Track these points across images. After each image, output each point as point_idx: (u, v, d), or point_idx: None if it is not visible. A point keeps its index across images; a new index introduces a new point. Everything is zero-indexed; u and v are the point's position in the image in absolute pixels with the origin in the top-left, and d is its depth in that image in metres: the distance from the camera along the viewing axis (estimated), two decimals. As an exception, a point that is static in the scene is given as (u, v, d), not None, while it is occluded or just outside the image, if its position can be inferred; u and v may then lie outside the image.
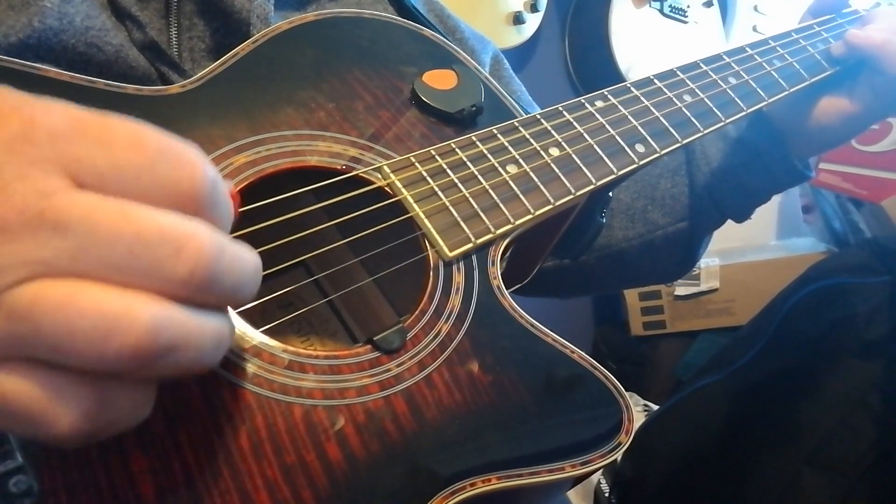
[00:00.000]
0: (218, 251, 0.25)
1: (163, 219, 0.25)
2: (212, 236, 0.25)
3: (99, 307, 0.23)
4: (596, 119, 0.54)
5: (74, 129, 0.25)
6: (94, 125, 0.25)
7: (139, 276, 0.24)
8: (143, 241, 0.24)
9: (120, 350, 0.23)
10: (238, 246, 0.27)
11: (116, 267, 0.24)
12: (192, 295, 0.25)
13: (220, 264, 0.25)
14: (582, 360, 0.43)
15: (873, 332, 1.15)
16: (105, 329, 0.23)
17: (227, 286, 0.26)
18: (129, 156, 0.25)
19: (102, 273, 0.24)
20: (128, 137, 0.25)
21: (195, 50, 0.53)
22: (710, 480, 1.19)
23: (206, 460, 0.31)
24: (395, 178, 0.45)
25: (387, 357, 0.38)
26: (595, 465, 0.39)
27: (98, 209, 0.24)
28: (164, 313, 0.24)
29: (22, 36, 0.44)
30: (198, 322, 0.25)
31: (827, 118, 0.67)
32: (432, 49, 0.55)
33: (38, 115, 0.24)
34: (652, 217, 0.76)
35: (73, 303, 0.23)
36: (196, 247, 0.25)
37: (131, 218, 0.24)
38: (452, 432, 0.38)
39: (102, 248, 0.24)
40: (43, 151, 0.24)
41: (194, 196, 0.26)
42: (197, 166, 0.26)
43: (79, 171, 0.24)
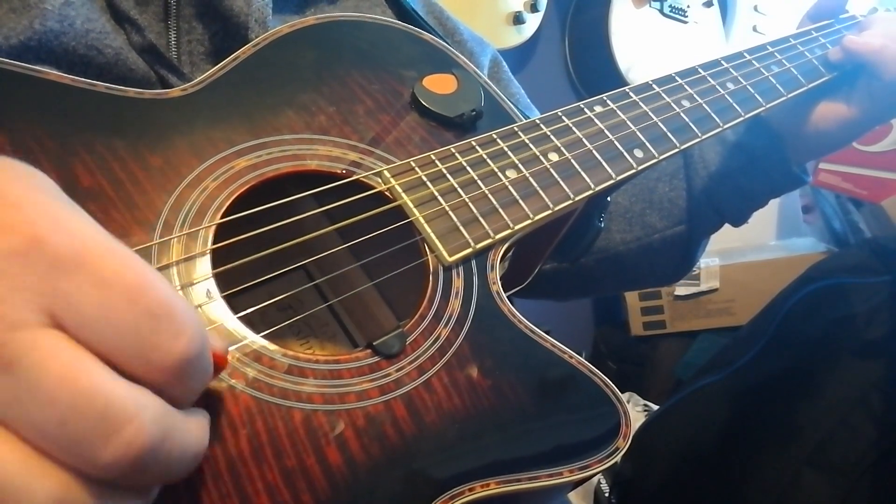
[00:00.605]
0: (157, 440, 0.24)
1: (114, 391, 0.23)
2: (157, 422, 0.24)
3: (1, 473, 0.22)
4: (595, 124, 0.54)
5: (78, 261, 0.24)
6: (101, 262, 0.24)
7: (60, 450, 0.23)
8: (78, 414, 0.23)
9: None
10: (189, 427, 0.26)
11: (42, 432, 0.23)
12: (112, 479, 0.24)
13: (155, 454, 0.24)
14: (580, 366, 0.43)
15: (873, 332, 1.15)
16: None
17: (156, 473, 0.25)
18: (120, 307, 0.24)
19: (27, 433, 0.23)
20: (128, 287, 0.24)
21: (194, 53, 0.53)
22: (710, 480, 1.20)
23: (206, 464, 0.32)
24: (395, 182, 0.45)
25: (386, 361, 0.39)
26: (593, 469, 0.39)
27: (53, 360, 0.23)
28: (66, 498, 0.23)
29: (23, 38, 0.44)
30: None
31: (825, 123, 0.68)
32: (432, 53, 0.55)
33: (49, 236, 0.24)
34: (650, 220, 0.76)
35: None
36: (132, 433, 0.23)
37: (80, 382, 0.23)
38: (452, 437, 0.38)
39: (36, 408, 0.22)
40: (33, 280, 0.23)
41: (165, 368, 0.25)
42: (181, 338, 0.25)
43: (61, 310, 0.24)
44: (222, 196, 0.40)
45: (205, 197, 0.39)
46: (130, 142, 0.40)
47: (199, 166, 0.41)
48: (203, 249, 0.38)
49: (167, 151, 0.40)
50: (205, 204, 0.39)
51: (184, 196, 0.39)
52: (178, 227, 0.38)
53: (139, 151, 0.39)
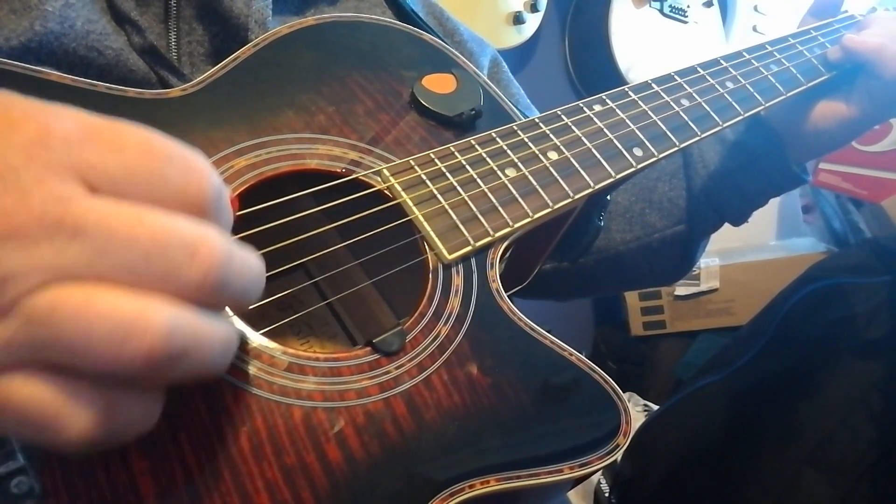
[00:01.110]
0: (228, 255, 0.26)
1: (176, 223, 0.25)
2: (221, 241, 0.26)
3: (116, 312, 0.24)
4: (594, 123, 0.54)
5: (87, 136, 0.25)
6: (106, 131, 0.26)
7: (155, 280, 0.25)
8: (157, 246, 0.24)
9: (136, 353, 0.24)
10: (244, 250, 0.28)
11: (132, 271, 0.24)
12: (204, 298, 0.26)
13: (230, 268, 0.26)
14: (580, 363, 0.43)
15: (873, 332, 1.15)
16: (122, 333, 0.23)
17: (237, 289, 0.27)
18: (141, 161, 0.26)
19: (119, 277, 0.24)
20: (139, 143, 0.26)
21: (194, 54, 0.53)
22: (710, 480, 1.20)
23: (206, 461, 0.32)
24: (394, 181, 0.45)
25: (386, 359, 0.39)
26: (593, 466, 0.40)
27: (113, 214, 0.24)
28: (179, 317, 0.25)
29: (23, 39, 0.44)
30: (209, 326, 0.26)
31: (824, 122, 0.68)
32: (431, 53, 0.55)
33: (52, 122, 0.25)
34: (649, 220, 0.76)
35: (90, 308, 0.23)
36: (208, 251, 0.25)
37: (145, 222, 0.25)
38: (451, 434, 0.38)
39: (119, 254, 0.24)
40: (58, 157, 0.24)
41: (202, 202, 0.27)
42: (204, 173, 0.27)
43: (92, 177, 0.25)
44: (222, 195, 0.40)
45: (205, 196, 0.40)
46: None
47: None
48: None
49: (167, 151, 0.40)
50: (205, 203, 0.39)
51: None
52: (179, 226, 0.38)
53: None
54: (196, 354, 0.25)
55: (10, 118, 0.25)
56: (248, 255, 0.28)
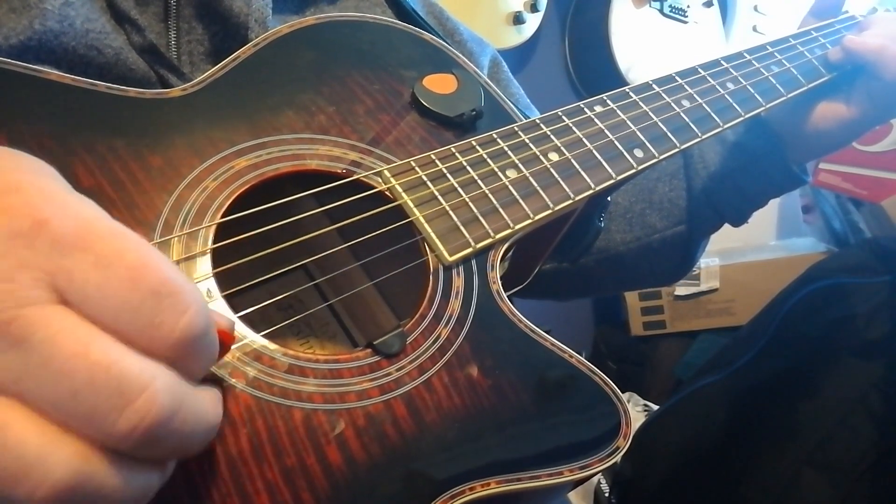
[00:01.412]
0: (171, 411, 0.24)
1: (125, 363, 0.24)
2: (170, 393, 0.24)
3: (21, 444, 0.22)
4: (595, 124, 0.54)
5: (80, 242, 0.24)
6: (103, 242, 0.25)
7: (76, 421, 0.23)
8: (89, 386, 0.23)
9: (28, 497, 0.22)
10: (201, 399, 0.27)
11: (56, 404, 0.23)
12: (129, 449, 0.24)
13: (168, 425, 0.24)
14: (580, 365, 0.43)
15: (873, 332, 1.15)
16: (19, 471, 0.22)
17: (170, 445, 0.25)
18: (121, 286, 0.24)
19: (42, 406, 0.23)
20: (129, 267, 0.25)
21: (194, 53, 0.53)
22: (710, 480, 1.20)
23: (206, 463, 0.32)
24: (395, 182, 0.45)
25: (387, 361, 0.39)
26: (594, 469, 0.39)
27: (63, 334, 0.23)
28: (84, 468, 0.23)
29: (23, 38, 0.44)
30: (120, 481, 0.24)
31: (825, 123, 0.68)
32: (432, 53, 0.55)
33: (51, 218, 0.24)
34: (650, 221, 0.76)
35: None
36: (146, 403, 0.24)
37: (92, 355, 0.23)
38: (452, 436, 0.38)
39: (49, 381, 0.23)
40: (38, 259, 0.24)
41: (171, 345, 0.25)
42: (186, 315, 0.25)
43: (67, 288, 0.24)
44: (222, 196, 0.40)
45: (205, 197, 0.40)
46: (131, 142, 0.40)
47: (200, 166, 0.41)
48: (203, 249, 0.38)
49: (167, 151, 0.40)
50: (205, 204, 0.39)
51: (184, 196, 0.39)
52: (179, 227, 0.38)
53: (139, 151, 0.39)
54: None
55: (8, 203, 0.24)
56: (202, 406, 0.27)
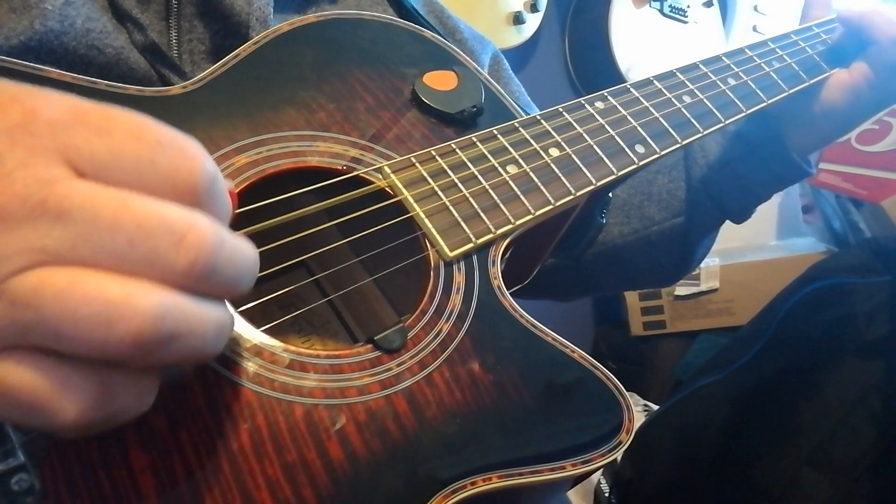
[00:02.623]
0: (218, 242, 0.26)
1: (163, 209, 0.25)
2: (211, 227, 0.26)
3: (102, 294, 0.23)
4: (596, 120, 0.54)
5: (75, 119, 0.25)
6: (95, 115, 0.25)
7: (141, 265, 0.24)
8: (143, 231, 0.24)
9: (124, 336, 0.23)
10: (237, 238, 0.27)
11: (118, 255, 0.24)
12: (193, 285, 0.25)
13: (219, 255, 0.26)
14: (582, 360, 0.43)
15: (873, 332, 1.15)
16: (108, 315, 0.23)
17: (227, 277, 0.27)
18: (129, 146, 0.25)
19: (104, 261, 0.24)
20: (128, 128, 0.25)
21: (195, 52, 0.53)
22: (710, 480, 1.19)
23: (207, 458, 0.32)
24: (395, 178, 0.45)
25: (388, 356, 0.39)
26: (596, 464, 0.39)
27: (99, 198, 0.24)
28: (167, 301, 0.24)
29: (23, 38, 0.44)
30: (200, 310, 0.26)
31: (828, 95, 0.68)
32: (432, 50, 0.55)
33: (39, 106, 0.25)
34: (648, 213, 0.76)
35: (75, 290, 0.23)
36: (196, 237, 0.25)
37: (132, 207, 0.24)
38: (453, 431, 0.38)
39: (104, 237, 0.24)
40: (44, 141, 0.24)
41: (193, 188, 0.26)
42: (196, 160, 0.26)
43: (79, 161, 0.24)
44: (223, 192, 0.40)
45: (206, 193, 0.39)
46: None
47: None
48: None
49: (168, 148, 0.40)
50: (205, 200, 0.39)
51: None
52: (179, 223, 0.38)
53: None
54: (186, 338, 0.25)
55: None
56: (241, 243, 0.28)
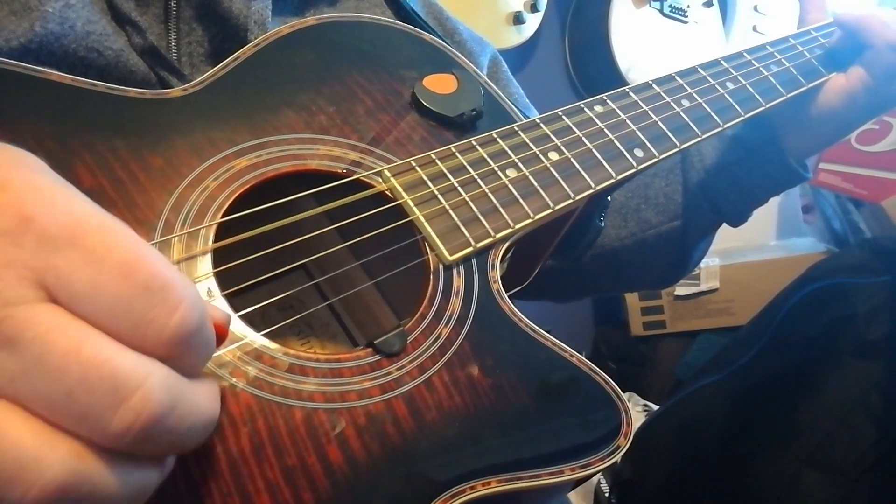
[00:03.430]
0: (167, 408, 0.24)
1: (117, 362, 0.23)
2: (165, 389, 0.24)
3: (15, 445, 0.22)
4: (595, 124, 0.54)
5: (70, 238, 0.24)
6: (93, 239, 0.24)
7: (71, 421, 0.23)
8: (84, 385, 0.23)
9: (22, 497, 0.22)
10: (198, 394, 0.26)
11: (51, 404, 0.23)
12: (124, 448, 0.24)
13: (165, 421, 0.24)
14: (581, 364, 0.43)
15: (873, 332, 1.15)
16: (13, 472, 0.22)
17: (168, 442, 0.25)
18: (112, 283, 0.24)
19: (36, 406, 0.23)
20: (120, 263, 0.24)
21: (194, 55, 0.53)
22: (710, 480, 1.20)
23: (207, 462, 0.32)
24: (395, 181, 0.45)
25: (387, 360, 0.39)
26: (595, 468, 0.39)
27: (54, 334, 0.23)
28: (79, 468, 0.23)
29: (24, 41, 0.44)
30: (116, 479, 0.24)
31: (825, 99, 0.68)
32: (432, 53, 0.55)
33: (38, 214, 0.24)
34: (645, 216, 0.76)
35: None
36: (140, 401, 0.23)
37: (83, 354, 0.23)
38: (453, 435, 0.38)
39: (43, 381, 0.23)
40: (25, 256, 0.23)
41: (165, 341, 0.25)
42: (179, 310, 0.25)
43: (54, 286, 0.23)
44: (223, 195, 0.40)
45: (205, 196, 0.40)
46: (131, 142, 0.40)
47: (200, 166, 0.41)
48: (204, 248, 0.38)
49: (168, 151, 0.40)
50: (205, 203, 0.39)
51: (184, 196, 0.39)
52: (179, 227, 0.38)
53: (140, 151, 0.39)
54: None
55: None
56: (199, 402, 0.26)
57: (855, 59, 0.67)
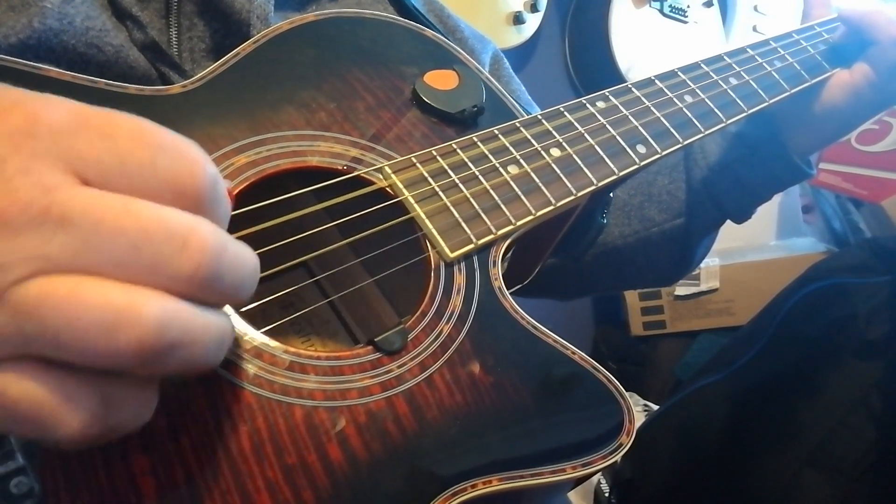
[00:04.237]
0: (220, 248, 0.25)
1: (166, 214, 0.25)
2: (214, 233, 0.25)
3: (105, 302, 0.23)
4: (597, 119, 0.54)
5: (77, 124, 0.25)
6: (97, 119, 0.25)
7: (143, 272, 0.24)
8: (146, 238, 0.24)
9: (127, 344, 0.23)
10: (238, 244, 0.27)
11: (121, 263, 0.24)
12: (195, 292, 0.25)
13: (222, 261, 0.25)
14: (583, 362, 0.43)
15: (873, 332, 1.15)
16: (111, 323, 0.23)
17: (229, 283, 0.26)
18: (131, 150, 0.25)
19: (107, 269, 0.24)
20: (130, 132, 0.25)
21: (195, 50, 0.53)
22: (710, 480, 1.20)
23: (207, 461, 0.31)
24: (396, 178, 0.45)
25: (388, 358, 0.38)
26: (596, 466, 0.39)
27: (101, 204, 0.24)
28: (170, 309, 0.24)
29: (22, 37, 0.44)
30: (202, 319, 0.25)
31: (829, 94, 0.67)
32: (433, 49, 0.55)
33: (41, 111, 0.24)
34: (648, 214, 0.75)
35: (78, 298, 0.23)
36: (199, 243, 0.25)
37: (134, 213, 0.24)
38: (454, 433, 0.38)
39: (106, 244, 0.24)
40: (46, 146, 0.24)
41: (195, 192, 0.26)
42: (198, 163, 0.26)
43: (81, 166, 0.24)
44: (223, 192, 0.40)
45: (205, 193, 0.39)
46: None
47: None
48: None
49: (167, 147, 0.40)
50: (205, 200, 0.39)
51: None
52: (179, 223, 0.37)
53: None
54: (189, 347, 0.25)
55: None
56: (242, 249, 0.27)
57: (859, 55, 0.67)
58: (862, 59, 0.67)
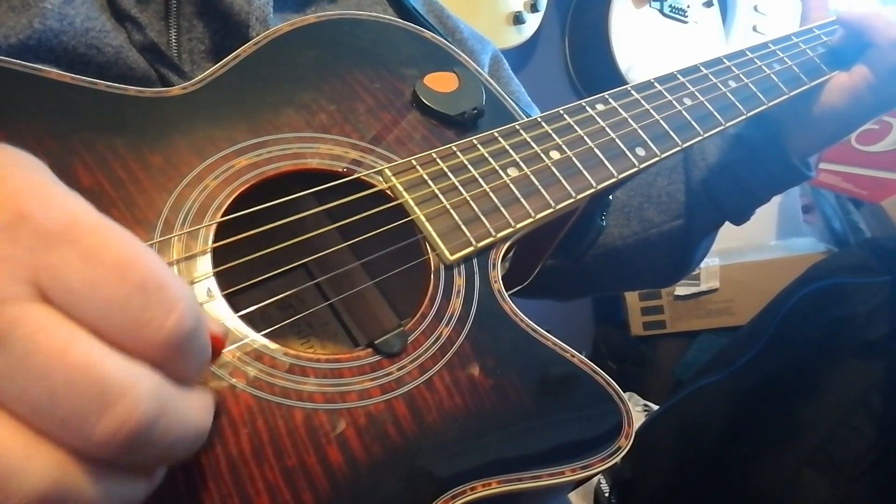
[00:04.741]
0: (153, 416, 0.23)
1: (106, 364, 0.22)
2: (153, 397, 0.23)
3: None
4: (596, 122, 0.54)
5: (66, 236, 0.23)
6: (90, 238, 0.24)
7: (54, 425, 0.22)
8: (68, 388, 0.22)
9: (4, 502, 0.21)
10: (188, 404, 0.25)
11: (34, 408, 0.22)
12: (108, 458, 0.23)
13: (151, 431, 0.23)
14: (582, 365, 0.43)
15: (873, 332, 1.15)
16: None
17: (154, 453, 0.24)
18: (108, 282, 0.23)
19: (20, 409, 0.22)
20: (117, 262, 0.23)
21: (195, 51, 0.53)
22: (710, 480, 1.20)
23: (206, 463, 0.31)
24: (396, 181, 0.45)
25: (388, 360, 0.38)
26: (595, 469, 0.39)
27: (42, 333, 0.22)
28: (62, 478, 0.22)
29: (22, 37, 0.44)
30: (100, 491, 0.23)
31: (829, 97, 0.68)
32: (433, 51, 0.55)
33: (35, 211, 0.23)
34: (647, 215, 0.75)
35: None
36: (127, 408, 0.22)
37: (71, 355, 0.22)
38: (453, 436, 0.38)
39: (27, 382, 0.22)
40: (19, 252, 0.23)
41: (160, 343, 0.24)
42: (174, 313, 0.24)
43: (48, 283, 0.23)
44: (223, 195, 0.40)
45: (205, 196, 0.39)
46: (131, 140, 0.39)
47: (200, 165, 0.40)
48: (204, 248, 0.37)
49: (168, 150, 0.40)
50: (205, 203, 0.39)
51: (184, 195, 0.39)
52: (179, 226, 0.38)
53: (139, 150, 0.39)
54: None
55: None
56: (188, 412, 0.25)
57: (858, 58, 0.67)
58: (861, 61, 0.67)
